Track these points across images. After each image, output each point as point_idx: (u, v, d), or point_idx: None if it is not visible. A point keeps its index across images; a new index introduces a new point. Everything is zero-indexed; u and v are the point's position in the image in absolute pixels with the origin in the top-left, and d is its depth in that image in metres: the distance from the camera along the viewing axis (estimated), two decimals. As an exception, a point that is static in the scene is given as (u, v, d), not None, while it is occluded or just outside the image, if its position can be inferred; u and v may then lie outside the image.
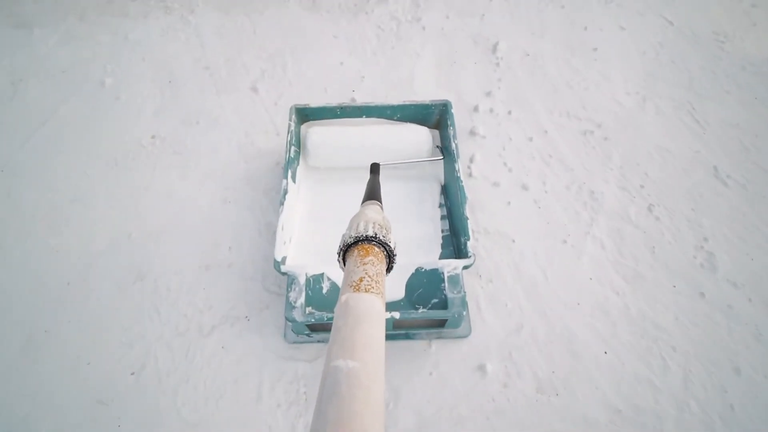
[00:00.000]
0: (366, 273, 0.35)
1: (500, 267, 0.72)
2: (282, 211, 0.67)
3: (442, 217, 0.75)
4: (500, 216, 0.77)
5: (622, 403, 0.62)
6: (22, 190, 0.84)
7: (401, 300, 0.63)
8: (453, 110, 0.78)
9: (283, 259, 0.65)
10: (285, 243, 0.67)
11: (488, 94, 0.93)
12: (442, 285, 0.61)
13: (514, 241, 0.74)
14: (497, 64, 0.98)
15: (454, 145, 0.73)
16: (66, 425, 0.61)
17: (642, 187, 0.81)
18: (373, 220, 0.41)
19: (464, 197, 0.68)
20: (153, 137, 0.89)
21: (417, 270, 0.64)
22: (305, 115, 0.79)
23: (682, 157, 0.85)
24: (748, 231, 0.76)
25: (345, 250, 0.40)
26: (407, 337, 0.66)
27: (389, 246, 0.40)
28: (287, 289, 0.61)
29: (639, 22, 1.05)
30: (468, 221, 0.66)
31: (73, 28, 1.10)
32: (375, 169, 0.61)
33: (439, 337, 0.66)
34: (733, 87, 0.96)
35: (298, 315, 0.58)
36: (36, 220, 0.80)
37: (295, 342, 0.66)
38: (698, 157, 0.85)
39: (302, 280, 0.61)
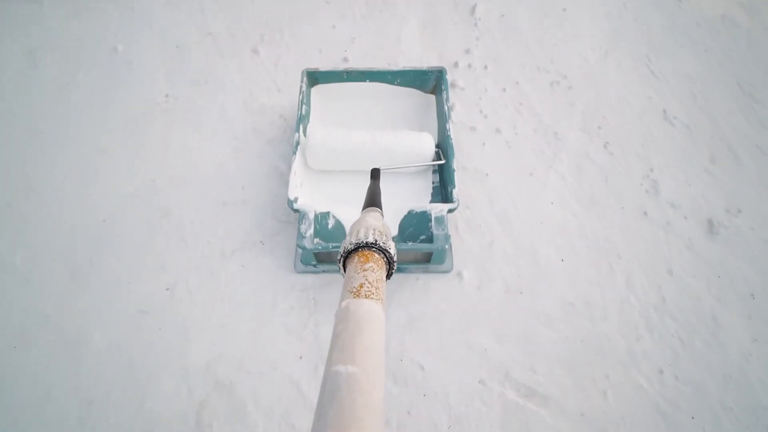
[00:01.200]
0: (366, 279, 0.36)
1: (475, 197, 0.84)
2: (294, 159, 0.77)
3: (434, 171, 0.85)
4: (476, 155, 0.89)
5: (575, 299, 0.75)
6: (52, 146, 0.94)
7: (394, 237, 0.73)
8: (448, 75, 0.86)
9: (296, 199, 0.75)
10: (296, 186, 0.76)
11: (467, 51, 1.03)
12: (430, 224, 0.71)
13: (487, 175, 0.86)
14: (475, 25, 1.07)
15: (446, 108, 0.82)
16: (114, 333, 0.74)
17: (600, 128, 0.93)
18: (373, 226, 0.41)
19: (453, 152, 0.78)
20: (167, 96, 0.99)
21: (409, 212, 0.74)
22: (315, 78, 0.88)
23: (636, 103, 0.96)
24: (688, 163, 0.89)
25: (345, 257, 0.40)
26: (398, 270, 0.76)
27: (389, 252, 0.40)
28: (299, 223, 0.71)
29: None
30: (455, 173, 0.76)
31: (81, 1, 1.17)
32: (375, 174, 0.62)
33: (425, 272, 0.76)
34: (687, 41, 1.07)
35: (307, 243, 0.69)
36: (68, 171, 0.91)
37: (303, 272, 0.77)
38: (650, 103, 0.96)
39: (311, 216, 0.71)
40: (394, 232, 0.75)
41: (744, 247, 0.80)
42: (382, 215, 0.48)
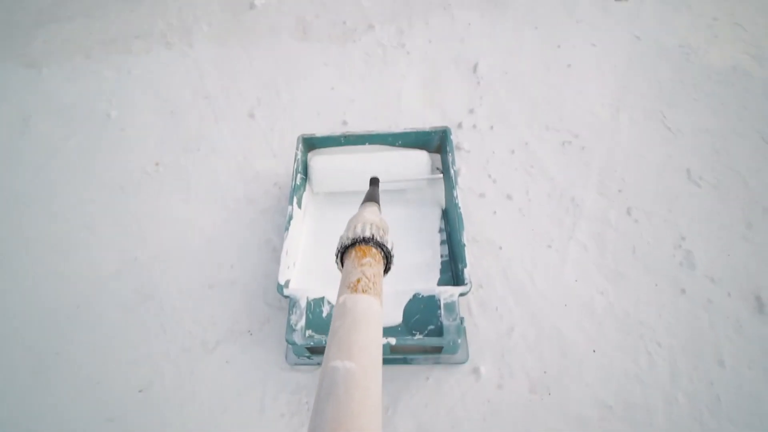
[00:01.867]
0: (363, 274, 0.36)
1: (489, 273, 0.76)
2: (287, 236, 0.70)
3: (442, 242, 0.77)
4: (487, 225, 0.81)
5: (613, 399, 0.64)
6: (32, 220, 0.88)
7: (399, 325, 0.64)
8: (452, 137, 0.81)
9: (287, 283, 0.67)
10: (289, 267, 0.69)
11: (471, 111, 0.99)
12: (439, 312, 0.62)
13: (501, 248, 0.78)
14: (478, 83, 1.04)
15: (453, 171, 0.75)
16: (76, 445, 0.63)
17: (620, 191, 0.85)
18: (370, 221, 0.41)
19: (462, 224, 0.69)
20: (157, 164, 0.94)
21: (414, 296, 0.65)
22: (311, 144, 0.83)
23: (656, 162, 0.90)
24: (722, 228, 0.81)
25: (343, 252, 0.40)
26: (405, 361, 0.67)
27: (387, 247, 0.40)
28: (289, 312, 0.63)
29: (609, 38, 1.12)
30: (465, 248, 0.67)
31: (80, 66, 1.17)
32: (374, 181, 0.62)
33: (436, 363, 0.67)
34: (701, 95, 1.02)
35: (298, 338, 0.60)
36: (46, 248, 0.84)
37: (296, 364, 0.68)
38: (671, 161, 0.90)
39: (303, 304, 0.63)
40: (398, 318, 0.66)
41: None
42: (380, 209, 0.47)
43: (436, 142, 0.84)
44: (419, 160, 0.80)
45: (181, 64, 1.14)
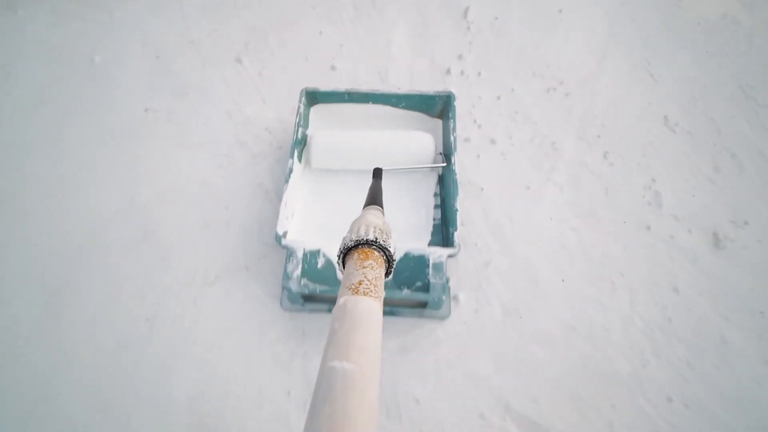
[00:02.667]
0: (365, 276, 0.36)
1: (470, 212, 0.80)
2: (286, 188, 0.71)
3: (436, 206, 0.79)
4: (470, 168, 0.85)
5: (576, 321, 0.72)
6: (30, 164, 0.89)
7: (389, 281, 0.68)
8: (455, 102, 0.80)
9: (284, 233, 0.69)
10: (287, 218, 0.71)
11: (460, 57, 0.99)
12: (427, 270, 0.65)
13: (482, 189, 0.82)
14: (468, 29, 1.03)
15: (453, 138, 0.76)
16: (91, 369, 0.69)
17: (599, 137, 0.89)
18: (374, 224, 0.41)
19: (457, 190, 0.71)
20: (146, 110, 0.94)
21: (405, 254, 0.67)
22: (314, 97, 0.82)
23: (635, 109, 0.92)
24: (691, 172, 0.85)
25: (345, 253, 0.40)
26: (391, 313, 0.71)
27: (389, 251, 0.40)
28: (286, 261, 0.66)
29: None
30: (458, 213, 0.70)
31: (58, 6, 1.12)
32: (377, 173, 0.62)
33: (421, 317, 0.71)
34: (687, 42, 1.03)
35: (293, 285, 0.64)
36: (46, 190, 0.86)
37: (290, 310, 0.72)
38: (650, 108, 0.93)
39: (300, 254, 0.66)
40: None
41: (752, 261, 0.77)
42: (383, 213, 0.48)
43: (439, 107, 0.84)
44: (424, 143, 0.78)
45: (166, 7, 1.10)
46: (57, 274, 0.77)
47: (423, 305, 0.69)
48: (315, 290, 0.64)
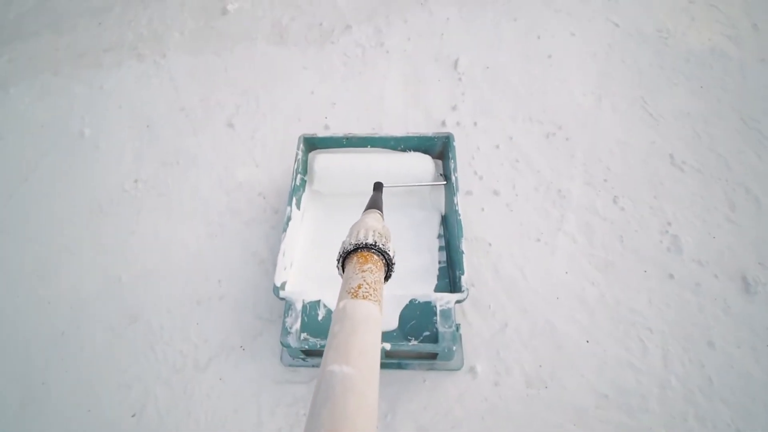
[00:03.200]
0: (364, 280, 0.36)
1: (480, 271, 0.75)
2: (284, 237, 0.69)
3: (440, 248, 0.76)
4: (476, 222, 0.81)
5: (608, 387, 0.65)
6: (9, 245, 0.85)
7: (394, 330, 0.63)
8: (455, 143, 0.79)
9: (283, 285, 0.66)
10: (285, 269, 0.68)
11: (454, 108, 0.98)
12: (435, 318, 0.61)
13: (490, 244, 0.78)
14: (459, 79, 1.03)
15: (454, 178, 0.74)
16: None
17: (605, 180, 0.85)
18: (373, 228, 0.41)
19: (461, 231, 0.68)
20: (135, 181, 0.92)
21: (411, 301, 0.64)
22: (312, 144, 0.81)
23: (639, 149, 0.90)
24: (707, 212, 0.81)
25: (344, 257, 0.40)
26: (399, 366, 0.67)
27: (388, 254, 0.40)
28: (284, 314, 0.62)
29: (588, 27, 1.12)
30: (464, 255, 0.66)
31: (48, 83, 1.13)
32: (378, 186, 0.61)
33: (431, 369, 0.66)
34: (681, 78, 1.02)
35: (293, 340, 0.60)
36: (25, 273, 0.82)
37: (291, 365, 0.68)
38: (654, 147, 0.90)
39: (299, 306, 0.62)
40: (395, 323, 0.65)
41: (787, 306, 0.71)
42: (383, 217, 0.47)
43: (438, 148, 0.82)
44: (424, 164, 0.78)
45: (155, 76, 1.11)
46: (36, 366, 0.71)
47: (433, 356, 0.64)
48: (315, 345, 0.60)
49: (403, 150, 0.82)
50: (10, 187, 0.94)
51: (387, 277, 0.41)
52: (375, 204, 0.50)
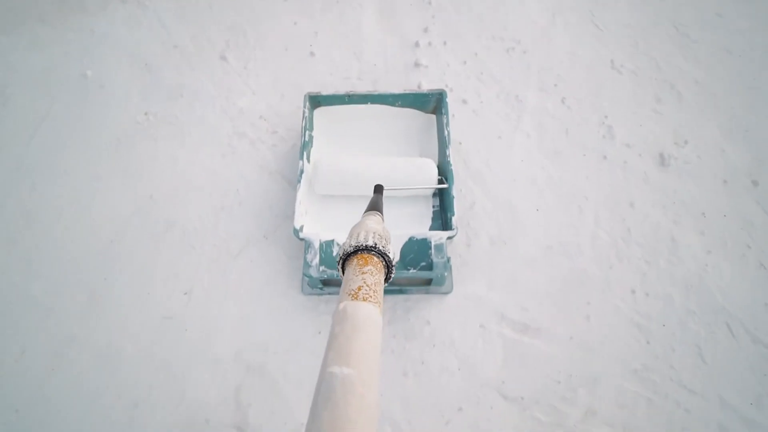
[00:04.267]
0: (365, 282, 0.36)
1: (453, 165, 0.92)
2: (299, 187, 0.78)
3: (434, 194, 0.86)
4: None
5: (553, 241, 0.85)
6: (43, 181, 0.97)
7: (396, 263, 0.71)
8: (447, 99, 0.86)
9: (301, 227, 0.77)
10: (302, 214, 0.78)
11: (425, 30, 1.09)
12: (430, 251, 0.73)
13: (460, 143, 0.94)
14: (429, 3, 1.13)
15: (446, 132, 0.84)
16: (143, 340, 0.79)
17: (556, 86, 1.01)
18: (373, 230, 0.41)
19: (452, 179, 0.79)
20: (146, 114, 1.02)
21: (410, 239, 0.76)
22: (317, 101, 0.89)
23: (586, 57, 1.04)
24: (638, 106, 0.98)
25: (344, 259, 0.41)
26: (400, 291, 0.79)
27: (388, 257, 0.40)
28: (305, 252, 0.74)
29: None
30: (454, 200, 0.77)
31: (37, 32, 1.17)
32: (378, 189, 0.63)
33: (426, 293, 0.78)
34: (625, -8, 1.14)
35: (314, 272, 0.72)
36: (66, 201, 0.94)
37: (310, 294, 0.80)
38: (599, 55, 1.05)
39: (317, 245, 0.74)
40: (397, 257, 0.76)
41: (693, 173, 0.91)
42: (383, 219, 0.48)
43: (432, 103, 0.90)
44: (426, 168, 0.83)
45: (143, 18, 1.16)
46: (94, 268, 0.86)
47: (428, 282, 0.77)
48: (333, 275, 0.73)
49: (401, 105, 0.90)
50: (28, 129, 1.03)
51: (387, 279, 0.41)
52: (375, 206, 0.51)
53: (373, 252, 0.40)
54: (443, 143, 0.85)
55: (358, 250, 0.40)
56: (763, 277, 0.83)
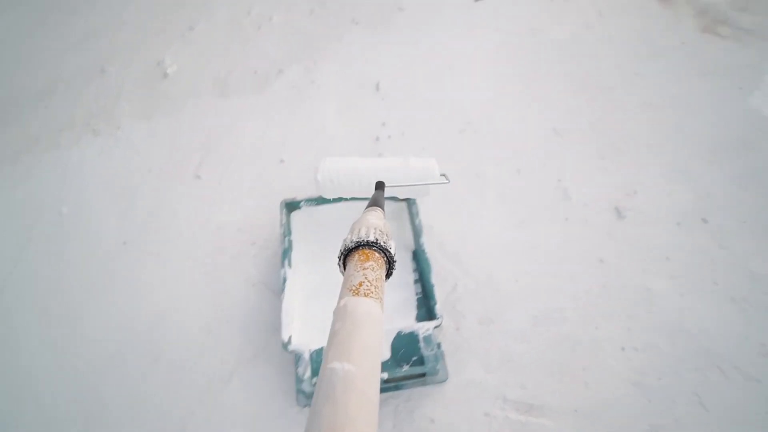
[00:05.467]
0: (366, 278, 0.36)
1: (429, 248, 0.96)
2: (284, 297, 0.79)
3: (416, 281, 0.88)
4: (420, 212, 1.01)
5: (537, 310, 0.88)
6: (18, 325, 0.94)
7: (388, 360, 0.75)
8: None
9: (289, 339, 0.76)
10: (288, 324, 0.78)
11: (383, 124, 1.19)
12: (419, 344, 0.74)
13: (432, 227, 0.99)
14: (383, 99, 1.24)
15: (417, 221, 0.88)
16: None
17: (508, 158, 1.10)
18: (374, 225, 0.41)
19: (429, 267, 0.83)
20: (124, 243, 1.03)
21: (398, 333, 0.76)
22: (293, 206, 0.94)
23: (530, 127, 1.15)
24: (585, 165, 1.08)
25: (346, 255, 0.40)
26: (397, 387, 0.78)
27: (390, 252, 0.40)
28: (295, 365, 0.74)
29: (476, 36, 1.37)
30: (434, 287, 0.80)
31: (12, 174, 1.21)
32: (380, 185, 0.63)
33: (423, 385, 0.79)
34: (554, 64, 1.29)
35: (306, 386, 0.72)
36: (42, 347, 0.92)
37: (306, 405, 0.78)
38: (541, 124, 1.16)
39: (307, 356, 0.74)
40: (387, 354, 0.76)
41: (648, 221, 0.98)
42: (384, 215, 0.48)
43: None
44: (428, 168, 0.83)
45: (115, 147, 1.22)
46: (78, 422, 0.82)
47: (423, 375, 0.77)
48: None
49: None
50: (10, 258, 1.02)
51: (388, 275, 0.41)
52: (376, 202, 0.51)
53: (374, 247, 0.39)
54: (416, 233, 0.90)
55: (359, 246, 0.39)
56: (736, 310, 0.87)
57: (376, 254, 0.39)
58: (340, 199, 0.94)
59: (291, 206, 0.94)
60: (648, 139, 1.12)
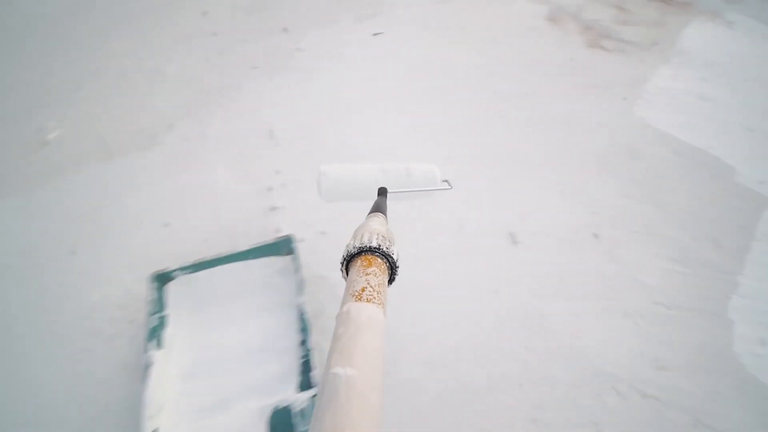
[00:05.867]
0: (368, 283, 0.36)
1: (325, 305, 0.91)
2: (147, 386, 0.70)
3: (303, 342, 0.81)
4: (313, 263, 0.97)
5: (432, 355, 0.84)
6: None
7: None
8: (295, 244, 0.88)
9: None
10: (151, 417, 0.70)
11: (278, 172, 1.15)
12: (294, 420, 0.69)
13: (323, 277, 0.95)
14: (278, 145, 1.21)
15: (299, 276, 0.84)
16: None
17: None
18: (377, 231, 0.42)
19: (308, 329, 0.78)
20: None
21: (274, 410, 0.71)
22: (166, 278, 0.87)
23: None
24: (480, 193, 1.08)
25: (348, 260, 0.41)
26: None
27: (392, 258, 0.41)
28: None
29: (373, 69, 1.38)
30: (311, 352, 0.75)
31: None
32: (382, 191, 0.63)
33: None
34: (454, 97, 1.31)
35: None
36: None
37: None
38: (438, 155, 1.16)
39: None
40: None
41: (543, 242, 0.98)
42: (387, 220, 0.49)
43: (285, 248, 0.91)
44: (430, 174, 0.78)
45: (-15, 227, 1.11)
46: None
47: None
48: None
49: (254, 258, 0.90)
50: None
51: (391, 281, 0.41)
52: (379, 208, 0.51)
53: (377, 253, 0.39)
54: (298, 289, 0.85)
55: (361, 252, 0.40)
56: (629, 325, 0.88)
57: (379, 260, 0.40)
58: (217, 264, 0.90)
59: (163, 278, 0.87)
60: (539, 158, 1.15)
